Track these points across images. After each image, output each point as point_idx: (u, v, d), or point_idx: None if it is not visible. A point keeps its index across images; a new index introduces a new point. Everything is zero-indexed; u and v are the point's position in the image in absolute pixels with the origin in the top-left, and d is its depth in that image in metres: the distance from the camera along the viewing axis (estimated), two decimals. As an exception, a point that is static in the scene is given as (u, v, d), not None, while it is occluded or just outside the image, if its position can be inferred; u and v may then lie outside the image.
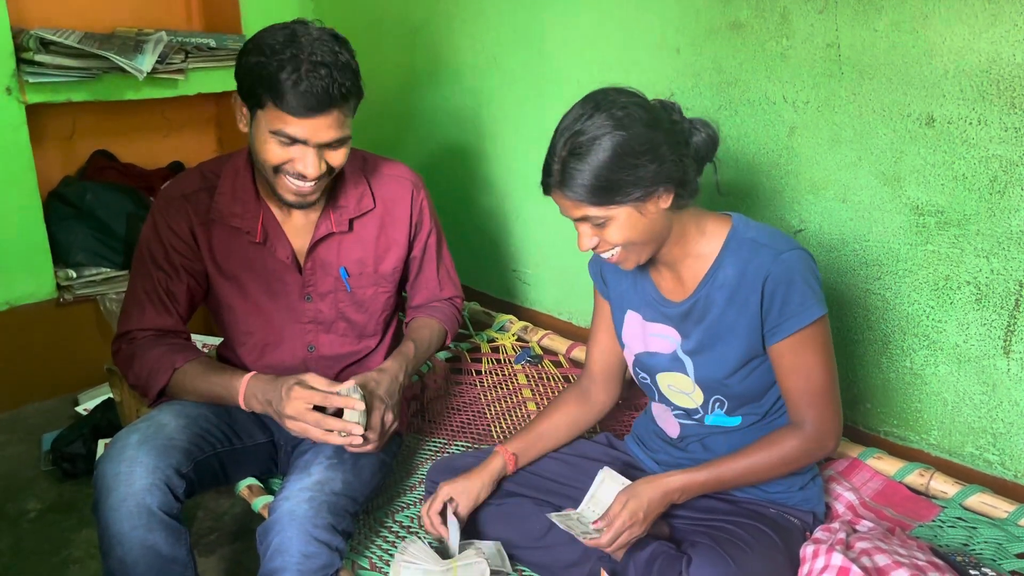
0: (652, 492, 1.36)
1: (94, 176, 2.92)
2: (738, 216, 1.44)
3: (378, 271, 1.74)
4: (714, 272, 1.41)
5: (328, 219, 1.67)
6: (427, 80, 2.73)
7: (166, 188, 1.70)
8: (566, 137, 1.31)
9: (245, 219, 1.63)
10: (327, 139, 1.48)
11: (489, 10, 2.46)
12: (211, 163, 1.71)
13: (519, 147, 2.49)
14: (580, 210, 1.33)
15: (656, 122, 1.31)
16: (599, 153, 1.28)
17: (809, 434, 1.38)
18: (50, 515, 2.20)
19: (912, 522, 1.58)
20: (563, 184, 1.31)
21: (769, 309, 1.36)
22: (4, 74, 2.48)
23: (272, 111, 1.45)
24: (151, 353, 1.60)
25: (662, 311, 1.48)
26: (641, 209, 1.32)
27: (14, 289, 2.63)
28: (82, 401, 2.65)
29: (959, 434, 1.70)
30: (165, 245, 1.64)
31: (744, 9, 1.83)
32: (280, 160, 1.49)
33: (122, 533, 1.40)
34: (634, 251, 1.37)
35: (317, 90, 1.41)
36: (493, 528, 1.56)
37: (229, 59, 2.94)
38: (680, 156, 1.33)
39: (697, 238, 1.42)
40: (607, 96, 1.32)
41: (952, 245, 1.62)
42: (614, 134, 1.28)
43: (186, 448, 1.51)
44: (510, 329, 2.39)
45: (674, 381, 1.49)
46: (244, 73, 1.48)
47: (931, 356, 1.70)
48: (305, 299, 1.69)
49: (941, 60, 1.56)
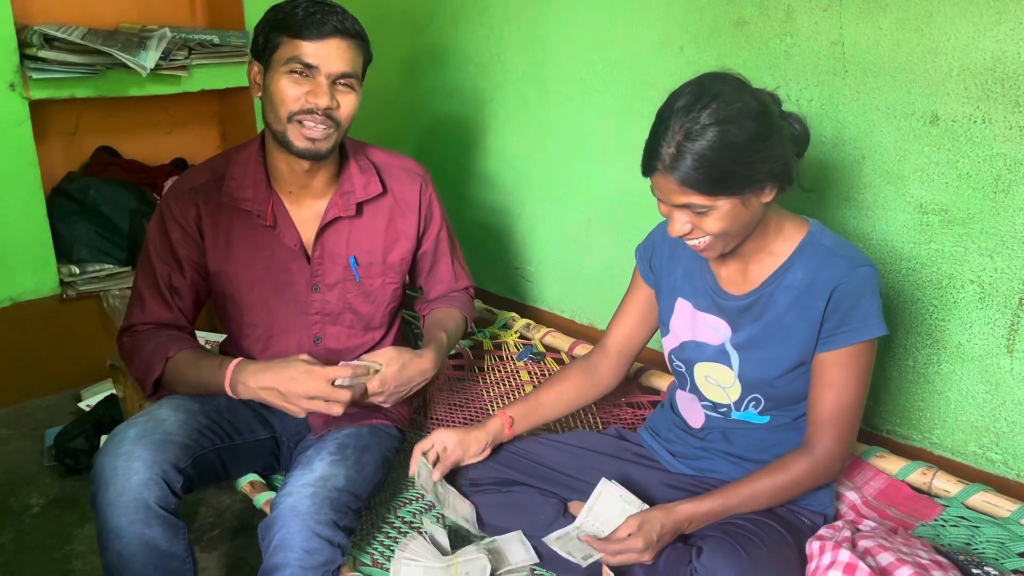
0: (665, 519, 1.35)
1: (97, 172, 2.92)
2: (816, 223, 1.43)
3: (386, 261, 1.75)
4: (783, 272, 1.40)
5: (336, 204, 1.68)
6: (431, 76, 2.73)
7: (175, 182, 1.71)
8: (682, 121, 1.26)
9: (255, 202, 1.65)
10: (338, 69, 1.54)
11: (494, 7, 2.46)
12: (218, 157, 1.72)
13: (523, 144, 2.49)
14: (685, 197, 1.29)
15: (769, 115, 1.30)
16: (717, 142, 1.24)
17: (820, 458, 1.38)
18: (53, 510, 2.20)
19: (915, 521, 1.58)
20: (674, 168, 1.26)
21: (830, 317, 1.36)
22: (8, 70, 2.49)
23: (287, 44, 1.53)
24: (148, 345, 1.61)
25: (718, 302, 1.47)
26: (746, 202, 1.30)
27: (17, 285, 2.64)
28: (85, 397, 2.66)
29: (962, 433, 1.69)
30: (171, 239, 1.65)
31: (748, 7, 1.83)
32: (295, 97, 1.53)
33: (120, 528, 1.40)
34: (723, 241, 1.35)
35: (331, 18, 1.52)
36: (500, 517, 1.56)
37: (232, 56, 2.95)
38: (788, 152, 1.32)
39: (774, 236, 1.42)
40: (723, 83, 1.29)
41: (956, 244, 1.62)
42: (732, 125, 1.25)
43: (184, 443, 1.51)
44: (513, 326, 2.39)
45: (713, 372, 1.49)
46: (260, 30, 1.58)
47: (934, 355, 1.70)
48: (313, 289, 1.70)
49: (945, 58, 1.56)
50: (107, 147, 3.02)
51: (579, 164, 2.33)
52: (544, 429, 1.97)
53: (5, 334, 2.62)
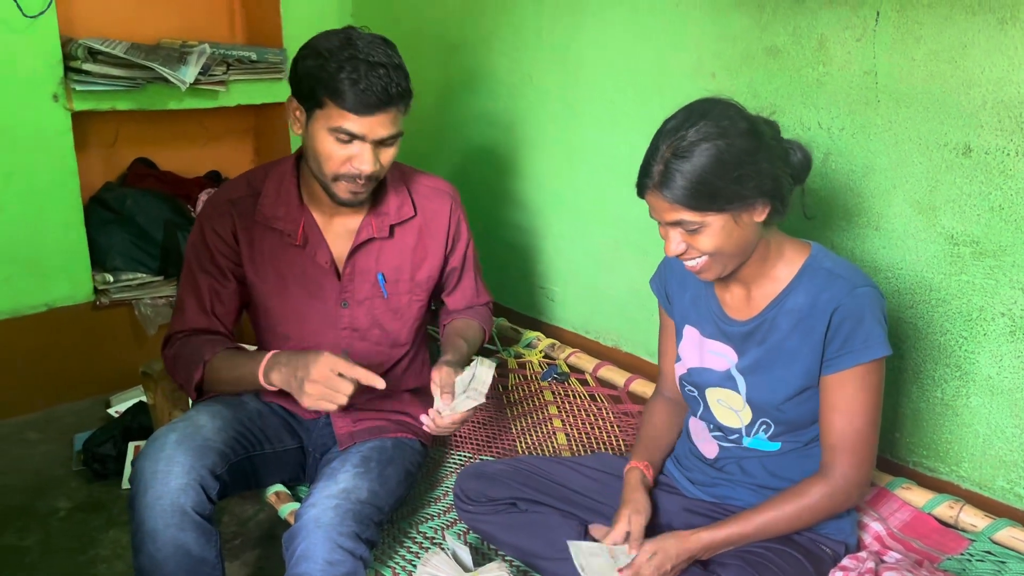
0: (679, 548, 1.36)
1: (134, 183, 2.98)
2: (817, 245, 1.44)
3: (414, 279, 1.78)
4: (784, 296, 1.41)
5: (370, 224, 1.71)
6: (463, 96, 2.76)
7: (213, 194, 1.75)
8: (671, 139, 1.30)
9: (287, 222, 1.68)
10: (383, 135, 1.55)
11: (526, 29, 2.49)
12: (257, 170, 1.76)
13: (551, 165, 2.51)
14: (676, 214, 1.31)
15: (759, 135, 1.32)
16: (703, 158, 1.27)
17: (837, 484, 1.37)
18: (79, 514, 2.23)
19: (940, 554, 1.56)
20: (663, 185, 1.30)
21: (832, 339, 1.35)
22: (52, 81, 2.55)
23: (332, 110, 1.51)
24: (187, 350, 1.65)
25: (723, 328, 1.48)
26: (737, 219, 1.31)
27: (53, 291, 2.69)
28: (114, 403, 2.69)
29: (990, 467, 1.67)
30: (211, 248, 1.68)
31: (781, 35, 1.84)
32: (338, 158, 1.55)
33: (155, 531, 1.42)
34: (720, 262, 1.36)
35: (376, 88, 1.49)
36: (517, 536, 1.56)
37: (269, 72, 3.00)
38: (779, 172, 1.33)
39: (775, 260, 1.42)
40: (713, 105, 1.33)
41: (987, 276, 1.61)
42: (719, 141, 1.27)
43: (221, 450, 1.53)
44: (537, 346, 2.40)
45: (724, 396, 1.49)
46: (303, 76, 1.54)
47: (963, 387, 1.69)
48: (341, 305, 1.72)
49: (980, 90, 1.55)
50: (144, 158, 3.08)
51: (607, 186, 2.34)
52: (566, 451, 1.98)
53: (39, 339, 2.67)
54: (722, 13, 1.95)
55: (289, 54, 3.05)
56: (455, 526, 1.71)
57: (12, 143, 2.52)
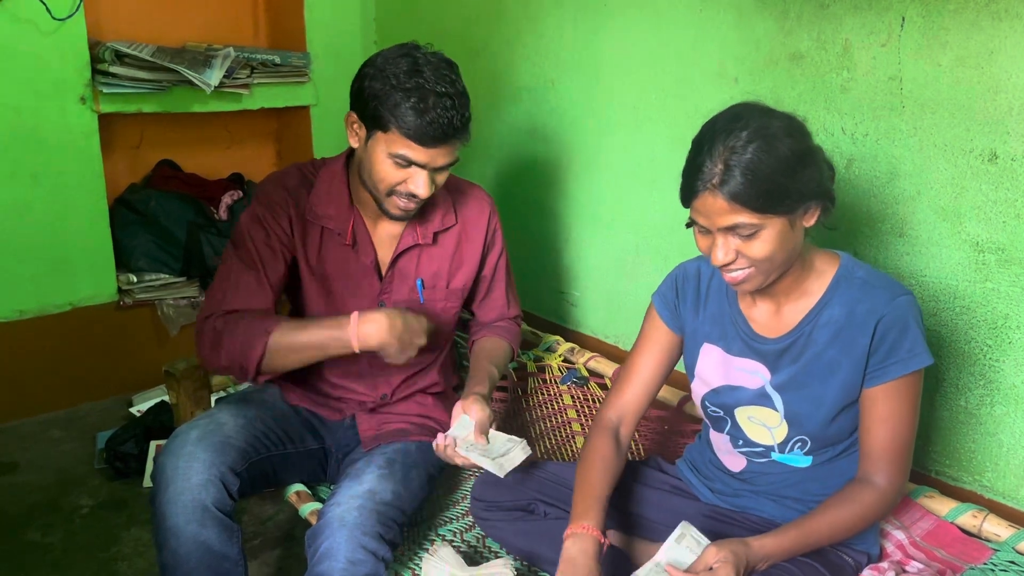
0: (750, 555, 1.28)
1: (158, 184, 3.01)
2: (847, 255, 1.42)
3: (450, 286, 1.80)
4: (820, 310, 1.38)
5: (414, 231, 1.73)
6: (485, 102, 2.77)
7: (269, 180, 1.73)
8: (725, 139, 1.23)
9: (337, 221, 1.69)
10: (442, 164, 1.58)
11: (548, 34, 2.49)
12: (308, 164, 1.77)
13: (573, 169, 2.52)
14: (734, 216, 1.24)
15: (805, 133, 1.30)
16: (765, 154, 1.22)
17: (885, 491, 1.35)
18: (101, 512, 2.25)
19: (963, 564, 1.54)
20: (723, 184, 1.22)
21: (876, 351, 1.33)
22: (80, 83, 2.59)
23: (395, 136, 1.52)
24: (239, 327, 1.55)
25: (753, 346, 1.44)
26: (793, 223, 1.27)
27: (78, 290, 2.72)
28: (136, 402, 2.72)
29: (1014, 477, 1.66)
30: (267, 229, 1.66)
31: (805, 40, 1.84)
32: (394, 180, 1.57)
33: (177, 527, 1.44)
34: (765, 271, 1.30)
35: (443, 121, 1.50)
36: (530, 542, 1.56)
37: (292, 76, 3.03)
38: (825, 171, 1.31)
39: (806, 273, 1.39)
40: (754, 108, 1.29)
41: (1013, 284, 1.60)
42: (775, 140, 1.23)
43: (242, 448, 1.55)
44: (557, 350, 2.40)
45: (757, 414, 1.45)
46: (368, 97, 1.53)
47: (987, 396, 1.67)
48: (379, 305, 1.73)
49: (1006, 96, 1.55)
50: (168, 160, 3.11)
51: (629, 191, 2.35)
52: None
53: (63, 338, 2.71)
54: (745, 18, 1.95)
55: (312, 57, 3.08)
56: (472, 530, 1.71)
57: (39, 144, 2.56)
